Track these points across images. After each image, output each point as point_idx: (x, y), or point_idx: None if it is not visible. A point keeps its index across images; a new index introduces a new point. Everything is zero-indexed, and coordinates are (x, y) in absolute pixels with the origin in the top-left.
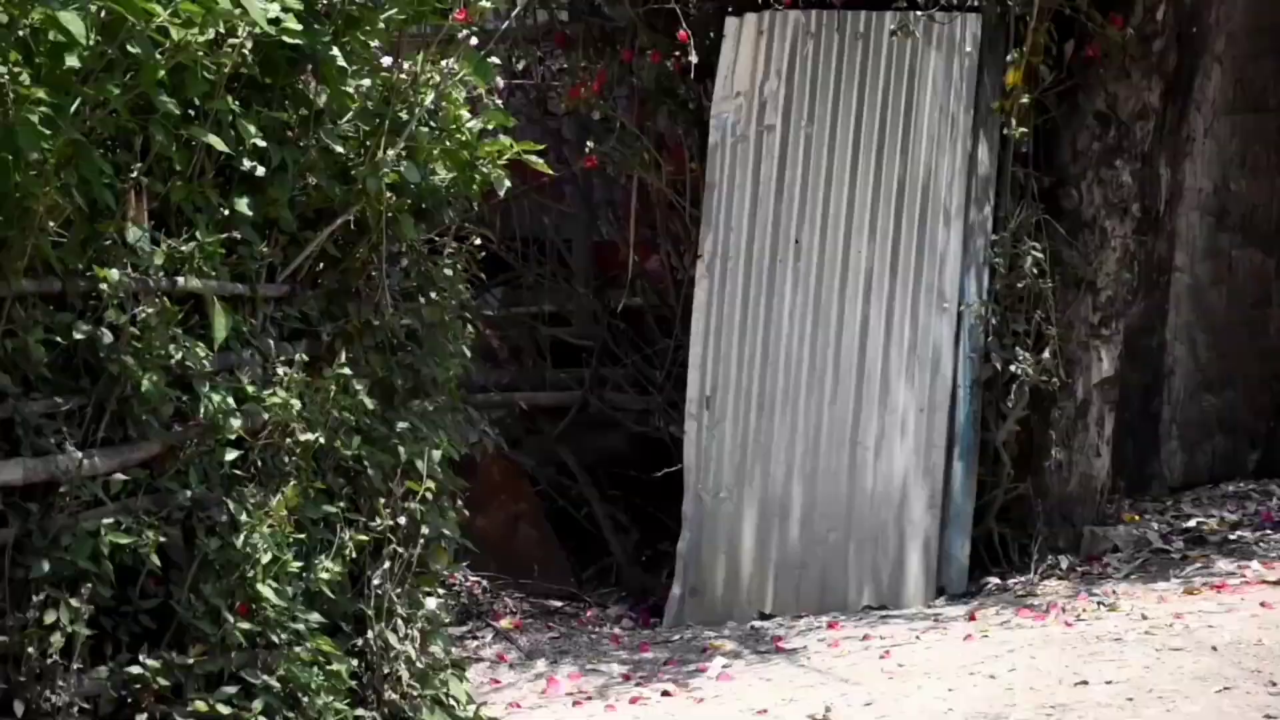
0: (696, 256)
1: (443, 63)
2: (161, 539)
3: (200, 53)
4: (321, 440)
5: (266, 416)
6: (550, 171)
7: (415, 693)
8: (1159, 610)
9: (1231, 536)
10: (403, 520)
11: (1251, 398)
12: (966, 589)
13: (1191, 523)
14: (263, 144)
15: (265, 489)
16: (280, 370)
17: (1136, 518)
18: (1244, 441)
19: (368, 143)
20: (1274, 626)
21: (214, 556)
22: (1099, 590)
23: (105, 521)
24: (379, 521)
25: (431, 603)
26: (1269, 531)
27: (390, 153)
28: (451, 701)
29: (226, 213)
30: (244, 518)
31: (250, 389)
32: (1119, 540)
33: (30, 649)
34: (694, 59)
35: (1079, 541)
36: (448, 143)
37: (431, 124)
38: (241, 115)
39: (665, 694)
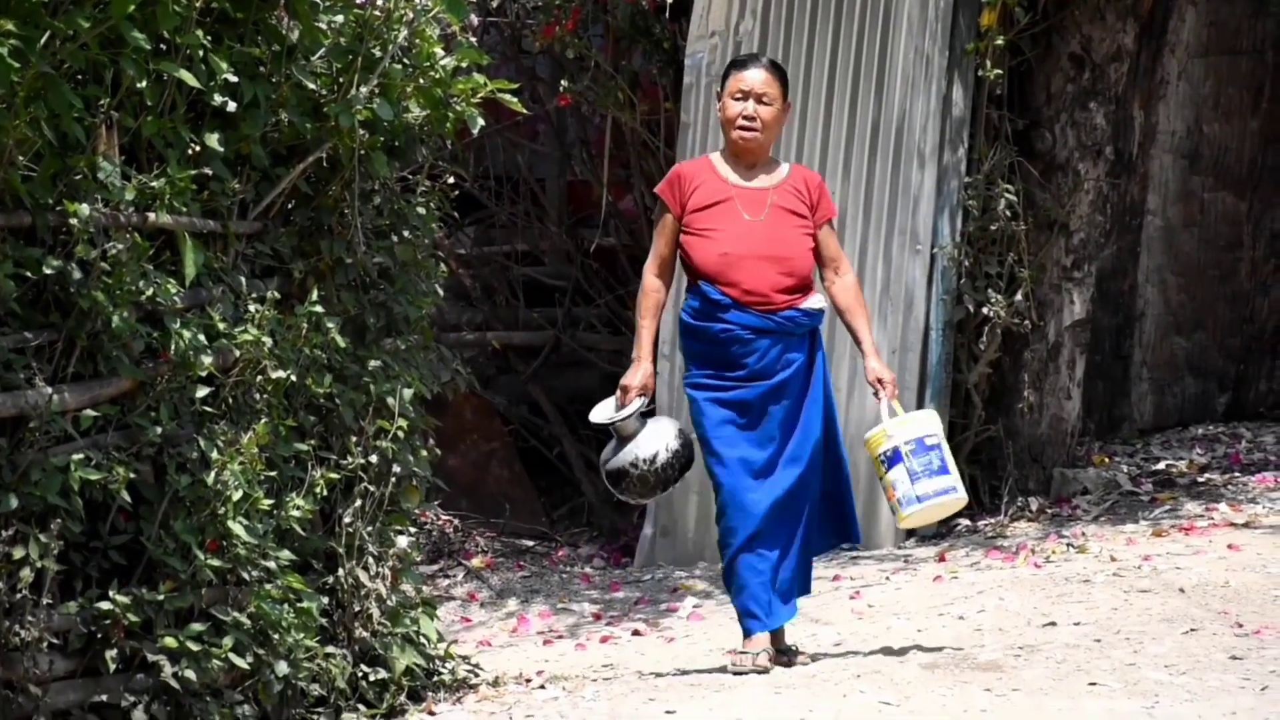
0: None
1: None
2: (132, 475)
3: None
4: (293, 378)
5: (238, 353)
6: (524, 110)
7: (386, 630)
8: (1127, 552)
9: (1200, 479)
10: (374, 458)
11: (1221, 341)
12: (936, 530)
13: (1161, 465)
14: (234, 79)
15: (236, 426)
16: (252, 307)
17: (1106, 460)
18: (1214, 384)
19: (340, 79)
20: (1241, 569)
21: (184, 493)
22: (1068, 532)
23: (75, 457)
24: (350, 459)
25: (402, 541)
26: (1237, 474)
27: (363, 89)
28: (422, 640)
29: (198, 148)
30: (215, 455)
31: (221, 326)
32: (1089, 482)
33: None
34: None
35: (1049, 483)
36: (421, 80)
37: (405, 61)
38: (213, 50)
39: (636, 633)
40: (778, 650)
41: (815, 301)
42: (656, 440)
